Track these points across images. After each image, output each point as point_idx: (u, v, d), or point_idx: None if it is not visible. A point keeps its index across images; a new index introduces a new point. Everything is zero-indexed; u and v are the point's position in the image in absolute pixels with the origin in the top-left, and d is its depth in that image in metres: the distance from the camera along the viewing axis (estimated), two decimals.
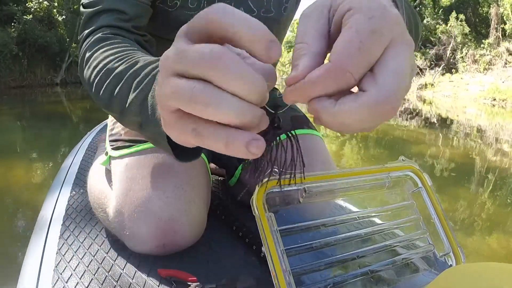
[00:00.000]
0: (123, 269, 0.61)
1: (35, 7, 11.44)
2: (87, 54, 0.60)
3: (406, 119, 7.03)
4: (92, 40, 0.61)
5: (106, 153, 0.77)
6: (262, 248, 0.44)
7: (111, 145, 0.75)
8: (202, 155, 0.74)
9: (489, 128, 6.65)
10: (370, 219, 0.59)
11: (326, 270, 0.50)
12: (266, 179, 0.47)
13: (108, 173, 0.76)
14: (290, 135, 0.33)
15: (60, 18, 11.97)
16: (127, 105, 0.48)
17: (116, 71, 0.51)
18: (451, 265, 0.56)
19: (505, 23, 12.01)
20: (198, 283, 0.56)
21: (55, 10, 12.00)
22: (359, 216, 0.58)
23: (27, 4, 11.30)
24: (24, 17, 10.90)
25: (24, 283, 0.60)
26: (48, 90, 10.65)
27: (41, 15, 11.56)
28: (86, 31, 0.63)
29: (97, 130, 1.72)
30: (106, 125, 1.59)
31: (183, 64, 0.26)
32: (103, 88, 0.53)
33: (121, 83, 0.50)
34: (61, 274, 0.60)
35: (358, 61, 0.26)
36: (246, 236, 0.72)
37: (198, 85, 0.26)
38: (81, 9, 0.67)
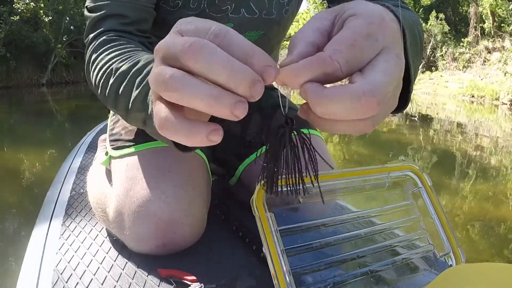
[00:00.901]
0: (123, 269, 0.61)
1: (22, 8, 11.45)
2: (93, 57, 0.61)
3: (388, 116, 7.07)
4: (97, 43, 0.62)
5: (106, 153, 0.77)
6: (262, 248, 0.44)
7: (111, 145, 0.75)
8: (202, 155, 0.74)
9: (469, 123, 6.80)
10: (370, 219, 0.59)
11: (326, 270, 0.50)
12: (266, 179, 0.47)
13: (108, 173, 0.76)
14: (302, 134, 0.34)
15: (46, 19, 11.99)
16: (131, 103, 0.49)
17: (120, 70, 0.52)
18: (451, 265, 0.56)
19: (484, 22, 12.20)
20: (198, 283, 0.56)
21: (41, 11, 12.01)
22: (359, 216, 0.58)
23: (13, 5, 11.29)
24: (11, 18, 10.91)
25: (24, 283, 0.60)
26: (34, 90, 10.74)
27: (27, 16, 11.58)
28: (91, 35, 0.64)
29: (97, 130, 1.72)
30: (106, 125, 1.59)
31: (169, 53, 0.28)
32: (108, 87, 0.54)
33: (125, 82, 0.51)
34: (61, 274, 0.60)
35: (348, 55, 0.28)
36: (246, 236, 0.72)
37: (177, 73, 0.27)
38: (86, 13, 0.67)
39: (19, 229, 2.13)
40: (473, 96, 10.63)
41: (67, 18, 12.35)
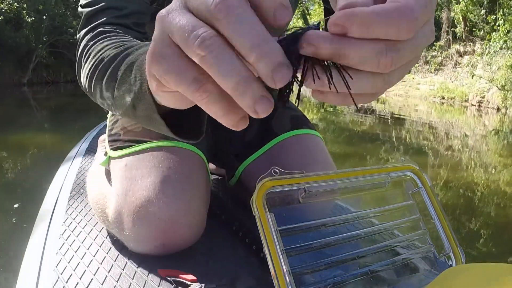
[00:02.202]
0: (123, 269, 0.61)
1: (6, 8, 11.47)
2: (85, 50, 0.59)
3: (361, 117, 7.42)
4: (90, 36, 0.61)
5: (106, 154, 0.77)
6: (263, 248, 0.44)
7: (110, 146, 0.75)
8: (202, 155, 0.74)
9: (440, 124, 6.99)
10: (370, 219, 0.59)
11: (326, 270, 0.50)
12: (266, 179, 0.47)
13: (108, 173, 0.76)
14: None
15: (29, 20, 12.01)
16: (117, 83, 0.46)
17: (110, 55, 0.51)
18: (451, 265, 0.56)
19: (455, 27, 12.55)
20: (198, 283, 0.56)
21: (24, 12, 12.03)
22: (359, 216, 0.58)
23: None
24: None
25: (24, 283, 0.60)
26: (15, 90, 10.85)
27: (10, 16, 11.60)
28: (85, 29, 0.63)
29: (97, 130, 1.72)
30: (105, 126, 1.59)
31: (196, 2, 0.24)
32: (96, 73, 0.52)
33: (113, 64, 0.49)
34: (61, 274, 0.60)
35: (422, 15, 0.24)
36: (246, 236, 0.72)
37: (213, 34, 0.23)
38: (80, 9, 0.66)
39: (18, 230, 2.13)
40: (443, 98, 10.94)
41: (47, 18, 12.36)
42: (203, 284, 0.56)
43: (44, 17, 12.21)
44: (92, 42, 0.59)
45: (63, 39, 12.87)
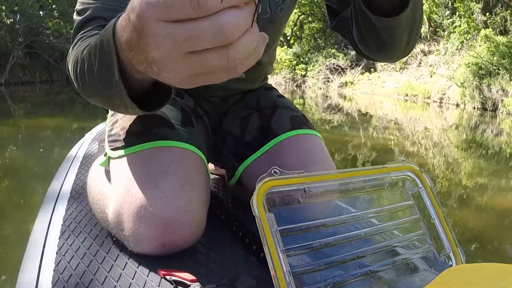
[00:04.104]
0: (123, 269, 0.61)
1: None
2: (69, 57, 0.61)
3: (330, 114, 7.71)
4: (74, 43, 0.62)
5: (105, 154, 0.77)
6: (263, 248, 0.44)
7: (110, 146, 0.75)
8: (202, 155, 0.74)
9: (405, 120, 7.40)
10: (370, 220, 0.59)
11: (326, 270, 0.50)
12: (266, 179, 0.47)
13: (108, 173, 0.76)
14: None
15: (8, 21, 12.07)
16: (94, 50, 0.48)
17: (92, 41, 0.52)
18: (451, 265, 0.56)
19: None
20: (198, 283, 0.56)
21: (3, 14, 12.08)
22: (359, 216, 0.58)
23: None
24: None
25: (24, 283, 0.60)
26: None
27: None
28: (76, 39, 0.64)
29: (96, 130, 1.71)
30: (105, 126, 1.59)
31: None
32: (85, 67, 0.53)
33: (93, 43, 0.50)
34: (61, 274, 0.60)
35: None
36: (246, 236, 0.72)
37: None
38: (74, 16, 0.67)
39: (18, 231, 2.13)
40: (407, 95, 11.52)
41: (24, 19, 12.42)
42: (203, 284, 0.56)
43: (18, 18, 12.26)
44: (80, 48, 0.59)
45: (39, 40, 12.94)
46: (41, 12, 13.63)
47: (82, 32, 0.63)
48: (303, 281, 0.47)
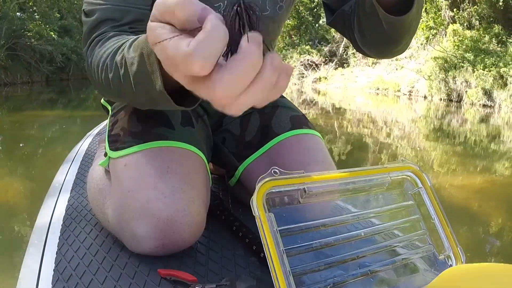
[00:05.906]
0: (123, 269, 0.61)
1: None
2: (90, 58, 0.61)
3: (305, 108, 7.91)
4: (92, 44, 0.62)
5: (106, 154, 0.77)
6: (263, 248, 0.44)
7: (110, 146, 0.75)
8: (202, 155, 0.74)
9: (378, 113, 7.94)
10: (370, 220, 0.59)
11: (326, 270, 0.50)
12: (266, 179, 0.47)
13: (108, 173, 0.76)
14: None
15: None
16: (125, 59, 0.49)
17: (115, 47, 0.53)
18: (451, 265, 0.56)
19: None
20: (198, 283, 0.56)
21: None
22: (359, 216, 0.58)
23: None
24: None
25: (24, 283, 0.60)
26: None
27: None
28: (88, 41, 0.64)
29: (97, 130, 1.71)
30: (105, 126, 1.59)
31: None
32: (105, 67, 0.54)
33: (119, 52, 0.51)
34: (61, 274, 0.60)
35: None
36: (246, 236, 0.72)
37: None
38: (83, 18, 0.67)
39: (18, 232, 2.13)
40: (378, 89, 12.07)
41: (6, 22, 12.43)
42: (203, 284, 0.56)
43: None
44: (95, 49, 0.60)
45: (21, 42, 12.98)
46: (18, 14, 13.59)
47: (96, 33, 0.63)
48: (303, 281, 0.47)
